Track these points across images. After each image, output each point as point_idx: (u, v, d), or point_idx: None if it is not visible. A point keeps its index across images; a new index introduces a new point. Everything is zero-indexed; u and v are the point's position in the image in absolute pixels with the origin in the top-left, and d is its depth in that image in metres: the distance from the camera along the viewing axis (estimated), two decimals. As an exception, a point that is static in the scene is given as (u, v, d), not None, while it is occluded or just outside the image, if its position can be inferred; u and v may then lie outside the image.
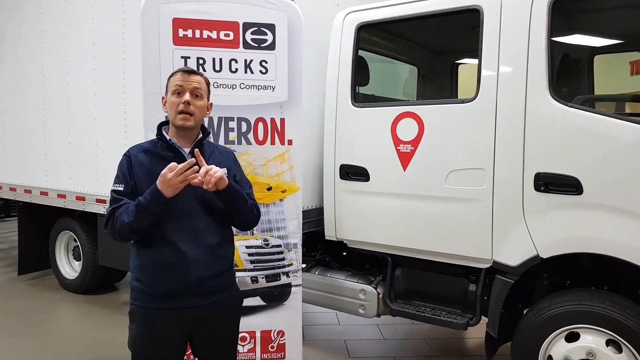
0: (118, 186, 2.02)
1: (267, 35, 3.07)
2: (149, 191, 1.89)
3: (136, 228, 1.93)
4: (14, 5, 5.30)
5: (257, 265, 3.17)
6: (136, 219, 1.90)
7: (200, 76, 2.09)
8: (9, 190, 5.62)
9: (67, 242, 5.51)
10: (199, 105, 2.04)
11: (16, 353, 3.94)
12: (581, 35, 3.42)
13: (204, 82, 2.10)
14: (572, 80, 3.49)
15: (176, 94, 2.02)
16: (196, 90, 2.04)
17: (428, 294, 3.30)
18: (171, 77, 2.08)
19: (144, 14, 2.93)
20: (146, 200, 1.89)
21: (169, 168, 1.84)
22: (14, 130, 5.46)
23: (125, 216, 1.91)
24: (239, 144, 3.09)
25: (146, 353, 2.05)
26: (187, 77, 2.03)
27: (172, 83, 2.05)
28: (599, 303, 2.59)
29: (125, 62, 4.17)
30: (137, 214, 1.89)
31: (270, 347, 3.24)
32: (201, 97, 2.06)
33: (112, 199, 2.01)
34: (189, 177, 1.85)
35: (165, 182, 1.84)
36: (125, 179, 2.01)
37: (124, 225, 1.92)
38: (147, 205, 1.88)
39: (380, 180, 3.23)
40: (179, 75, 2.04)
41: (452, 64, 4.57)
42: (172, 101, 2.02)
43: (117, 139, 4.14)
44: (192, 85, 2.03)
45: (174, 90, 2.03)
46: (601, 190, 2.52)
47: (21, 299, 5.19)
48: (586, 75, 3.64)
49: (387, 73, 4.65)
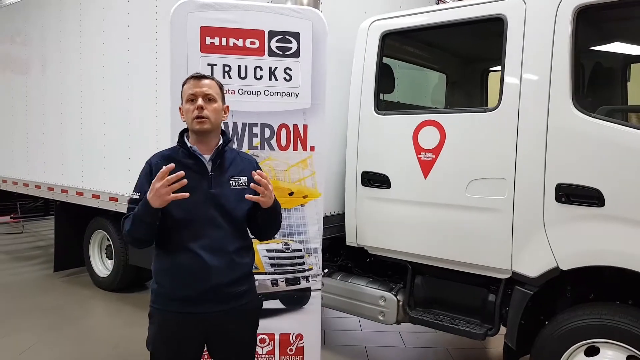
0: (135, 195, 2.07)
1: (292, 43, 3.12)
2: (142, 201, 1.93)
3: (136, 237, 2.00)
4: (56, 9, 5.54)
5: (277, 268, 3.22)
6: (133, 228, 1.96)
7: (211, 80, 2.11)
8: (47, 190, 5.85)
9: (100, 241, 5.70)
10: (212, 108, 2.06)
11: (48, 346, 4.10)
12: (609, 44, 3.36)
13: (216, 86, 2.11)
14: (599, 90, 3.43)
15: (190, 102, 2.06)
16: (208, 94, 2.06)
17: (447, 302, 3.28)
18: (184, 85, 2.11)
19: (173, 22, 3.03)
20: (139, 210, 1.94)
21: (158, 177, 1.86)
22: (54, 131, 5.68)
23: (127, 225, 1.98)
24: (262, 149, 3.15)
25: (164, 354, 2.10)
26: (198, 83, 2.06)
27: (185, 92, 2.08)
28: (619, 318, 2.53)
29: (157, 67, 4.31)
30: (133, 223, 1.95)
31: (289, 350, 3.28)
32: (214, 100, 2.07)
33: (128, 208, 2.08)
34: (174, 186, 1.85)
35: (153, 191, 1.86)
36: (143, 188, 2.04)
37: (126, 234, 2.00)
38: (140, 216, 1.93)
39: (401, 188, 3.25)
40: (190, 83, 2.07)
41: (482, 72, 4.54)
42: (187, 108, 2.07)
43: (148, 143, 4.28)
44: (203, 91, 2.05)
45: (187, 98, 2.07)
46: (623, 203, 2.47)
47: (56, 295, 5.39)
48: (619, 85, 3.55)
49: (415, 80, 4.66)
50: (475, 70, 4.54)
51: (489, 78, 4.54)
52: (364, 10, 3.72)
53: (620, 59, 3.51)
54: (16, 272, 6.31)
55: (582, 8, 2.59)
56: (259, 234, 2.26)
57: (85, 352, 4.00)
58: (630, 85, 3.65)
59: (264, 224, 2.18)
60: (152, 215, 1.90)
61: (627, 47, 3.49)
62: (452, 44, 4.16)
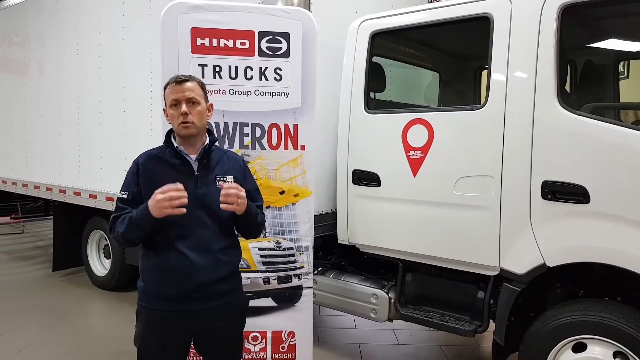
0: (123, 194, 2.11)
1: (282, 43, 3.15)
2: (141, 207, 1.97)
3: (130, 239, 2.04)
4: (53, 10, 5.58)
5: (269, 267, 3.25)
6: (127, 231, 2.00)
7: (192, 81, 2.11)
8: (45, 190, 5.89)
9: (98, 240, 5.75)
10: (197, 112, 2.09)
11: (45, 344, 4.15)
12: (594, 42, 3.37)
13: (198, 87, 2.12)
14: (584, 87, 3.44)
15: (174, 107, 2.08)
16: (191, 98, 2.07)
17: (438, 299, 3.31)
18: (166, 88, 2.12)
19: (164, 24, 3.05)
20: (137, 215, 1.98)
21: (162, 190, 1.90)
22: (52, 132, 5.72)
23: (120, 227, 2.02)
24: (253, 148, 3.18)
25: (150, 351, 2.14)
26: (180, 88, 2.07)
27: (168, 96, 2.10)
28: (606, 314, 2.55)
29: (152, 68, 4.34)
30: (129, 227, 1.99)
31: (281, 348, 3.31)
32: (198, 102, 2.09)
33: (116, 207, 2.11)
34: (175, 203, 1.90)
35: (154, 201, 1.91)
36: (130, 187, 2.10)
37: (118, 235, 2.04)
38: (137, 221, 1.98)
39: (390, 186, 3.27)
40: (172, 87, 2.08)
41: (475, 70, 4.56)
42: (172, 114, 2.09)
43: (144, 143, 4.26)
44: (186, 95, 2.06)
45: (171, 103, 2.08)
46: (608, 200, 2.49)
47: (54, 294, 5.44)
48: (604, 82, 3.57)
49: (408, 78, 4.67)
50: (468, 68, 4.55)
51: (482, 76, 4.56)
52: (355, 10, 3.74)
53: (605, 57, 3.52)
54: (16, 272, 6.37)
55: (566, 6, 2.61)
56: (244, 234, 2.31)
57: (83, 350, 4.04)
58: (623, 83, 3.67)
59: (244, 226, 2.23)
60: (151, 223, 1.96)
61: (613, 45, 3.50)
62: (442, 42, 4.18)
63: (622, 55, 3.49)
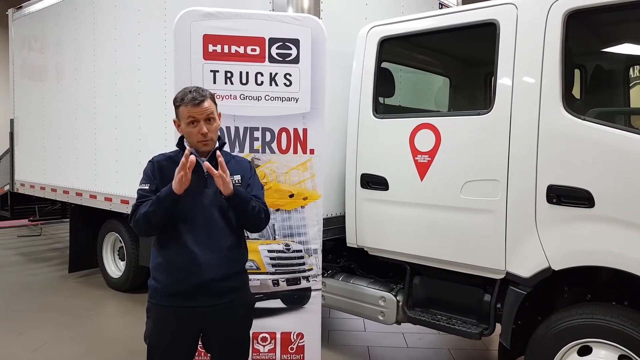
0: (144, 185, 2.21)
1: (292, 49, 3.21)
2: (167, 187, 2.08)
3: (150, 220, 2.10)
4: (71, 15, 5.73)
5: (278, 268, 3.30)
6: (150, 211, 2.08)
7: (207, 100, 2.14)
8: (62, 193, 6.02)
9: (113, 243, 5.86)
10: (213, 128, 2.17)
11: (60, 343, 4.25)
12: (599, 47, 3.38)
13: (212, 102, 2.17)
14: (590, 92, 3.46)
15: (191, 124, 2.14)
16: (208, 116, 2.15)
17: (445, 302, 3.33)
18: (180, 106, 2.15)
19: (177, 31, 3.14)
20: (162, 193, 2.07)
21: (182, 166, 2.01)
22: (69, 136, 5.86)
23: (144, 208, 2.11)
24: (263, 152, 3.24)
25: (159, 347, 2.21)
26: (198, 110, 2.11)
27: (184, 114, 2.13)
28: (611, 317, 2.57)
29: (166, 74, 4.43)
30: (152, 205, 2.08)
31: (289, 349, 3.36)
32: (214, 119, 2.18)
33: (138, 196, 2.21)
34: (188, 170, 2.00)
35: (177, 177, 2.02)
36: (150, 179, 2.21)
37: (140, 215, 2.11)
38: (161, 199, 2.06)
39: (398, 190, 3.31)
40: (189, 107, 2.11)
41: (485, 75, 4.57)
42: (190, 131, 2.15)
43: (157, 147, 4.37)
44: (204, 115, 2.13)
45: (188, 121, 2.13)
46: (613, 204, 2.51)
47: (69, 295, 5.55)
48: (609, 87, 3.57)
49: (418, 83, 4.71)
50: (478, 73, 4.57)
51: (492, 81, 4.57)
52: (365, 17, 3.80)
53: (613, 62, 3.53)
54: (33, 273, 6.51)
55: (571, 12, 2.64)
56: (242, 223, 2.29)
57: (97, 349, 4.13)
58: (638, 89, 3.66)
59: (238, 211, 2.20)
60: (173, 200, 2.05)
61: (618, 50, 3.51)
62: (451, 48, 4.22)
63: (631, 60, 3.49)
